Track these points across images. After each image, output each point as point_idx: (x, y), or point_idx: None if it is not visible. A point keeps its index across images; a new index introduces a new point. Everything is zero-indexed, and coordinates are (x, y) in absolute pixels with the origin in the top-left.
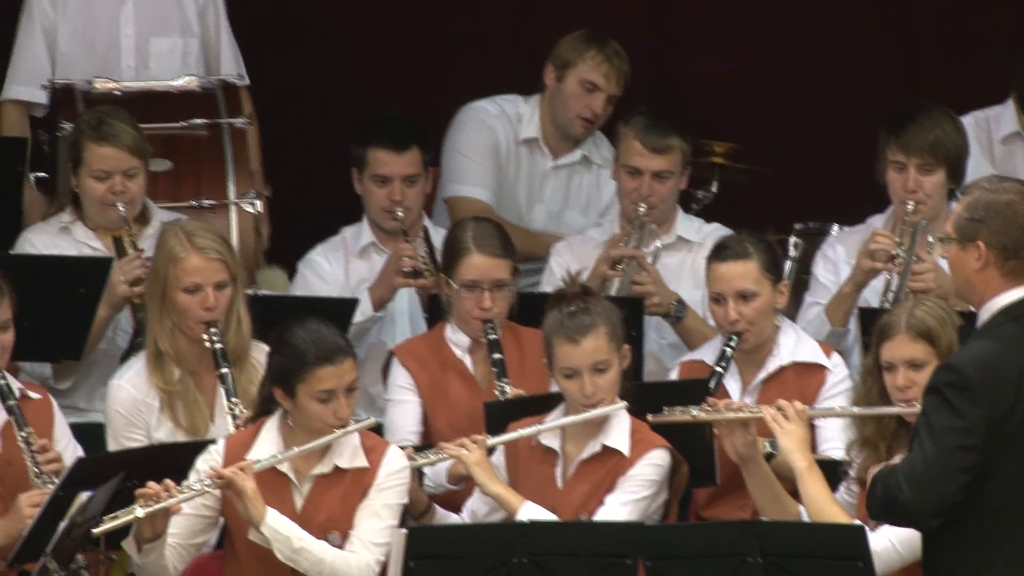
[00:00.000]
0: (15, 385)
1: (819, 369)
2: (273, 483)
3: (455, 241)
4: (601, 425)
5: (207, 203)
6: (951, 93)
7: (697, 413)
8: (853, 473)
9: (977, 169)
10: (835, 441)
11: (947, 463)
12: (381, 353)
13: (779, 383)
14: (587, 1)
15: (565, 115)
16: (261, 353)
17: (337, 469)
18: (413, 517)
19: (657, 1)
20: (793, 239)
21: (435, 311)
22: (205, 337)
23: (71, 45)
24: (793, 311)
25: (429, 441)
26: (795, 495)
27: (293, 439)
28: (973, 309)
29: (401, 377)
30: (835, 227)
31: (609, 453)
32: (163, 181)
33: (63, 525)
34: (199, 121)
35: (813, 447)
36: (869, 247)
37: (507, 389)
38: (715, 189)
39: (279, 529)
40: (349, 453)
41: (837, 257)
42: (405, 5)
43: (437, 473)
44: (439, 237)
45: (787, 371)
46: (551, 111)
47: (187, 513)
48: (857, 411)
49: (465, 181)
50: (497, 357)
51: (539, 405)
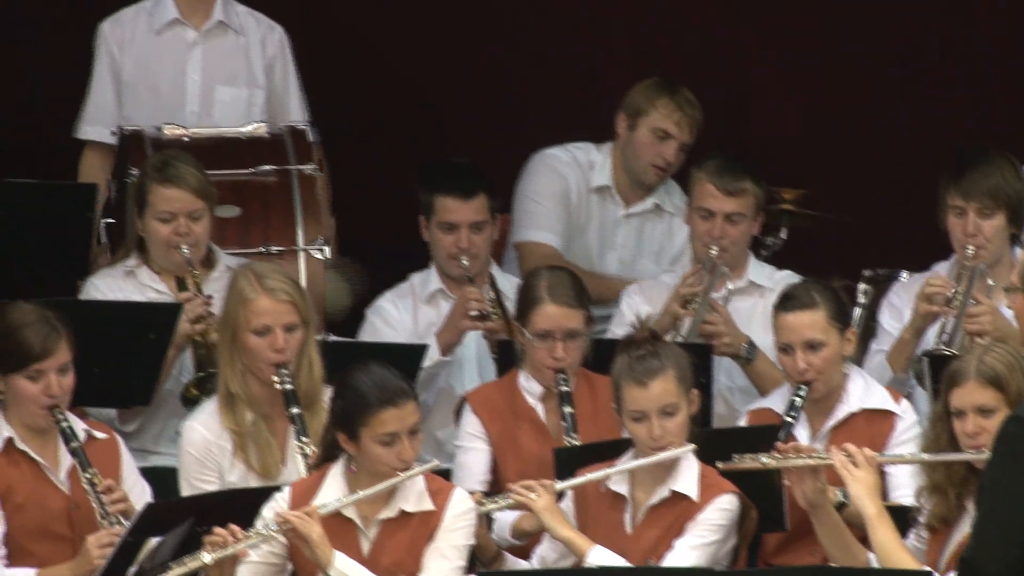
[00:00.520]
0: (80, 427)
1: (888, 415)
2: (339, 528)
3: (529, 290)
4: (670, 470)
5: (275, 250)
6: (1022, 140)
7: (767, 460)
8: (923, 519)
9: None
10: (905, 487)
11: (1015, 519)
12: (449, 398)
13: (848, 430)
14: (658, 49)
15: (637, 163)
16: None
17: (403, 513)
18: (482, 564)
19: (727, 49)
20: (862, 286)
21: (504, 356)
22: (275, 379)
23: (136, 88)
24: (862, 358)
25: (498, 490)
26: (865, 541)
27: (358, 484)
28: None
29: (472, 425)
30: (904, 274)
31: (678, 498)
32: (232, 228)
33: (132, 571)
34: (268, 168)
35: (883, 494)
36: (925, 291)
37: (576, 443)
38: (784, 235)
39: (347, 573)
40: (415, 496)
41: (902, 304)
42: (477, 52)
43: (502, 528)
44: (507, 283)
45: (856, 418)
46: (623, 159)
47: (255, 560)
48: (926, 457)
49: (535, 226)
50: (568, 411)
51: (608, 451)
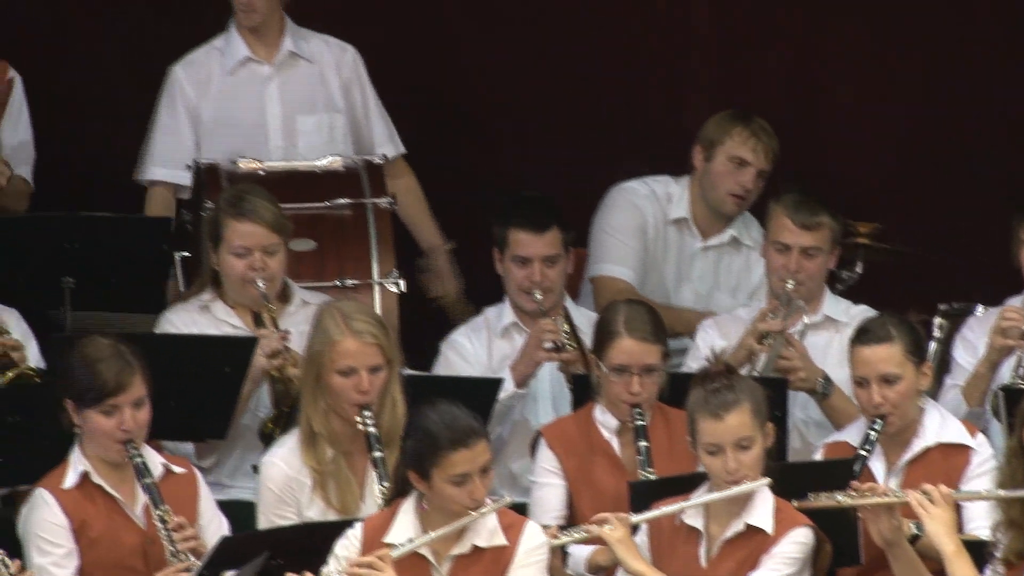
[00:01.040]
0: (158, 461)
1: (964, 450)
2: (412, 565)
3: (606, 324)
4: (744, 503)
5: (350, 283)
6: None
7: (842, 499)
8: (999, 554)
9: None
10: (981, 521)
11: None
12: (524, 431)
13: (924, 464)
14: (733, 82)
15: (715, 193)
16: None
17: (476, 548)
18: None
19: (802, 82)
20: (937, 320)
21: (579, 389)
22: (359, 420)
23: (215, 127)
24: (937, 392)
25: (573, 524)
26: (938, 575)
27: (429, 521)
28: None
29: (548, 460)
30: (979, 308)
31: (753, 532)
32: (307, 261)
33: None
34: (343, 201)
35: (959, 527)
36: (1000, 325)
37: (651, 478)
38: (860, 269)
39: None
40: (487, 532)
41: (976, 338)
42: (553, 86)
43: (577, 562)
44: (581, 317)
45: (932, 452)
46: (701, 191)
47: None
48: (1003, 493)
49: (610, 260)
50: (643, 445)
51: (683, 485)
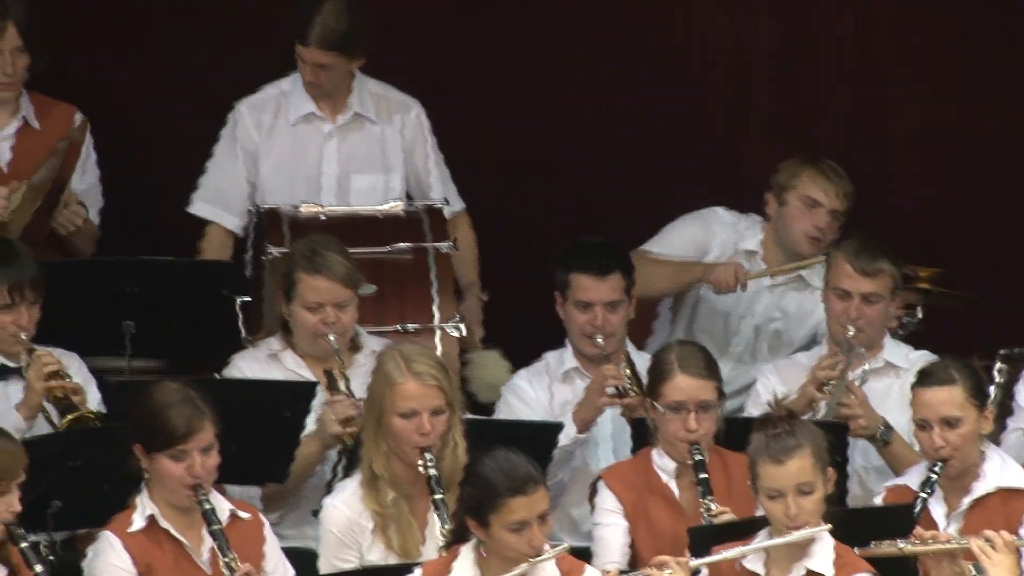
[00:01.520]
0: (224, 506)
1: None
2: None
3: (660, 363)
4: (805, 548)
5: (412, 327)
6: None
7: (904, 546)
8: None
9: None
10: None
11: None
12: (585, 476)
13: (984, 508)
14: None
15: (790, 235)
16: None
17: None
18: None
19: (867, 128)
20: (998, 364)
21: (639, 434)
22: (420, 463)
23: (273, 173)
24: (998, 436)
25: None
26: None
27: (488, 567)
28: None
29: (608, 501)
30: None
31: None
32: (368, 305)
33: None
34: (404, 246)
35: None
36: None
37: (712, 507)
38: (920, 314)
39: None
40: None
41: None
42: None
43: None
44: (643, 363)
45: (992, 497)
46: (776, 237)
47: None
48: None
49: (657, 244)
50: (703, 477)
51: (743, 529)
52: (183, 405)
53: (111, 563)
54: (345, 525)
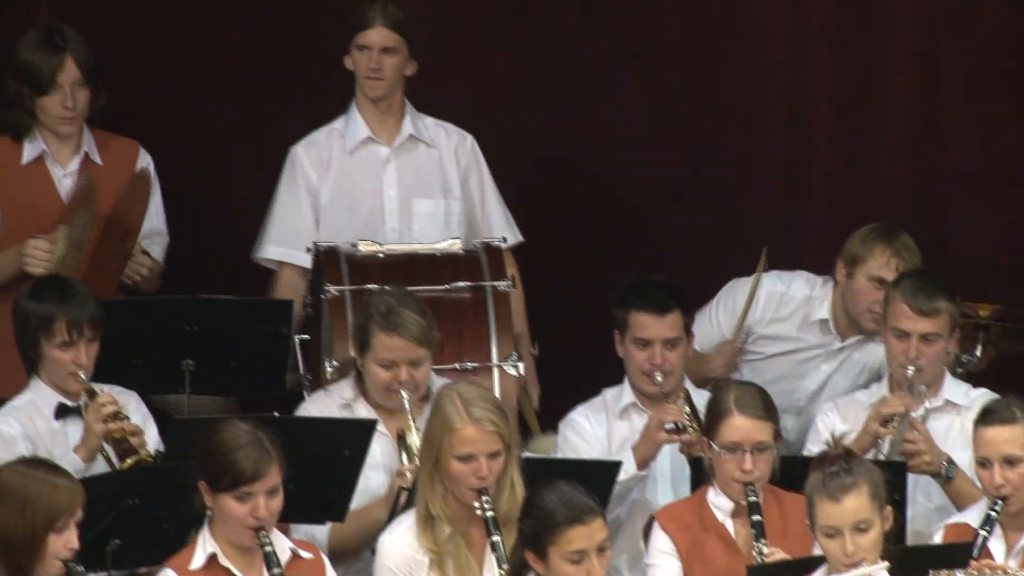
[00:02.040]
0: (286, 545)
1: None
2: None
3: (717, 403)
4: None
5: (470, 366)
6: None
7: None
8: None
9: None
10: None
11: None
12: (643, 511)
13: None
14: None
15: (856, 308)
16: None
17: None
18: None
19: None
20: None
21: (698, 472)
22: (476, 505)
23: (333, 206)
24: None
25: None
26: None
27: None
28: None
29: (662, 541)
30: None
31: None
32: None
33: None
34: (462, 284)
35: None
36: None
37: (764, 550)
38: (980, 352)
39: None
40: None
41: None
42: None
43: None
44: (701, 400)
45: None
46: (842, 303)
47: None
48: None
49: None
50: (756, 519)
51: (800, 568)
52: (252, 447)
53: None
54: (401, 560)
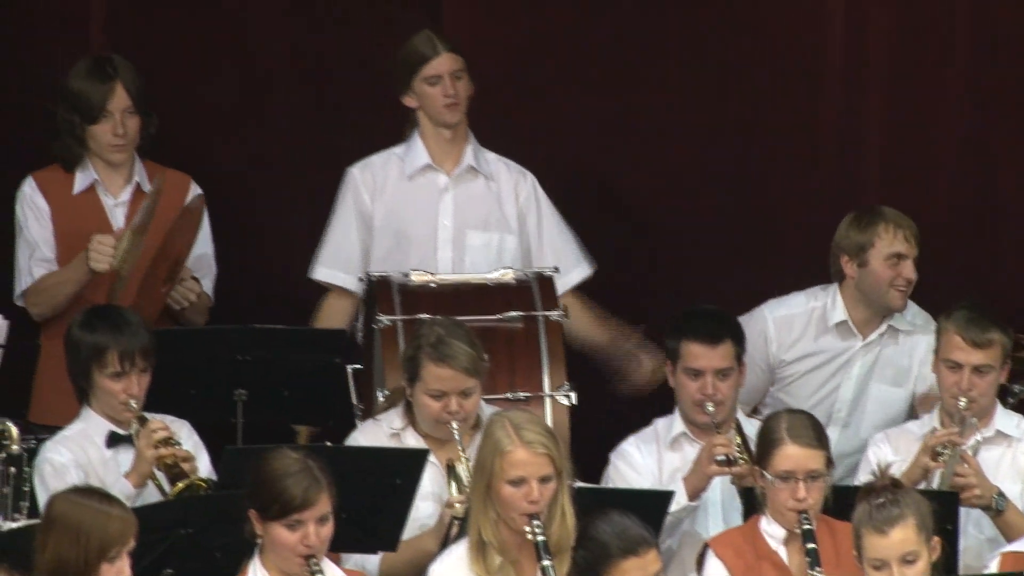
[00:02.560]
0: (337, 574)
1: None
2: None
3: (769, 432)
4: None
5: (522, 395)
6: None
7: None
8: None
9: None
10: None
11: None
12: (694, 542)
13: None
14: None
15: (879, 290)
16: None
17: None
18: None
19: (973, 194)
20: None
21: (749, 503)
22: (527, 529)
23: (386, 231)
24: None
25: None
26: None
27: None
28: None
29: (716, 568)
30: None
31: None
32: None
33: None
34: (514, 314)
35: None
36: None
37: None
38: None
39: None
40: None
41: None
42: (725, 203)
43: None
44: (752, 429)
45: None
46: (855, 299)
47: None
48: None
49: None
50: (811, 547)
51: None
52: (302, 475)
53: None
54: None
